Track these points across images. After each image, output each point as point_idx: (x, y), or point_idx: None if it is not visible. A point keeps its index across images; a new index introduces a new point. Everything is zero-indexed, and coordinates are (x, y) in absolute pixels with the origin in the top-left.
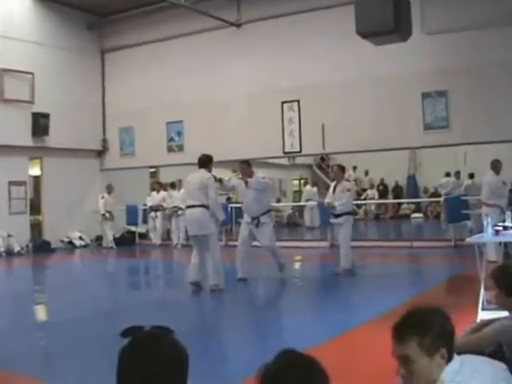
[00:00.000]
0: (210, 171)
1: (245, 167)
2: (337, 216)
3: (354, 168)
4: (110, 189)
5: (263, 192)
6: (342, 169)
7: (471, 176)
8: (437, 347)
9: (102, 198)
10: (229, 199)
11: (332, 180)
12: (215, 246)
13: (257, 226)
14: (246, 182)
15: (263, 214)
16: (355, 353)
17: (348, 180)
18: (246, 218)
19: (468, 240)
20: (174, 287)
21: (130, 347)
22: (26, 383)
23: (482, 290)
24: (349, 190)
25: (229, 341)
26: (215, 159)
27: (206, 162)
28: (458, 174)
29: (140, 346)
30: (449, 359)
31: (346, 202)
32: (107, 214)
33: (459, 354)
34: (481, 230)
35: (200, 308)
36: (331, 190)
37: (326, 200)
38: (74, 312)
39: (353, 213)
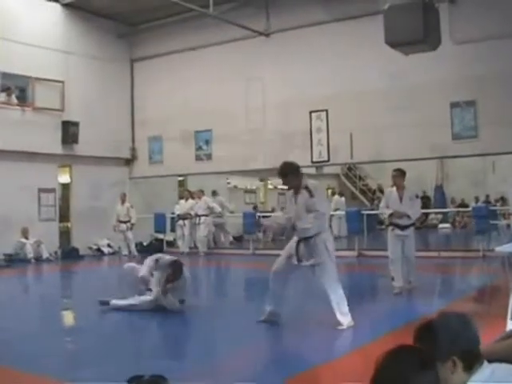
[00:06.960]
0: None
1: None
2: (403, 228)
3: None
4: (122, 199)
5: None
6: (404, 173)
7: None
8: (448, 355)
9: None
10: (255, 208)
11: (392, 185)
12: None
13: None
14: None
15: None
16: None
17: None
18: None
19: (497, 249)
20: (200, 293)
21: None
22: None
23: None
24: (417, 197)
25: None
26: (243, 168)
27: None
28: None
29: None
30: (469, 368)
31: (419, 210)
32: (117, 224)
33: (490, 362)
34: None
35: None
36: (395, 197)
37: (396, 209)
38: (100, 317)
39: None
